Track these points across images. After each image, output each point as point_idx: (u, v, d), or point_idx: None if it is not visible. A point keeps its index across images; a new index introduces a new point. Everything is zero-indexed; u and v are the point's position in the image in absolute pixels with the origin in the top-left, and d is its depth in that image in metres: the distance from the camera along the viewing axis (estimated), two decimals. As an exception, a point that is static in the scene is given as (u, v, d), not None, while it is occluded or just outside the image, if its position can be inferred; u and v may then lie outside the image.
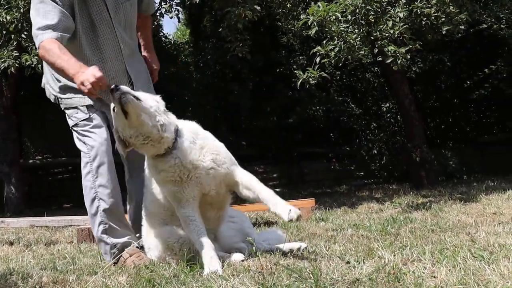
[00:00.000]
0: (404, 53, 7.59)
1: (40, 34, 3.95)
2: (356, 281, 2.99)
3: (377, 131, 16.78)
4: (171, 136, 3.70)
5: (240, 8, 8.75)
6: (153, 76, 4.90)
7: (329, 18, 7.62)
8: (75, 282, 3.35)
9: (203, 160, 3.77)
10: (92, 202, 4.27)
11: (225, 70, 16.36)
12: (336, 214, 7.26)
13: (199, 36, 17.13)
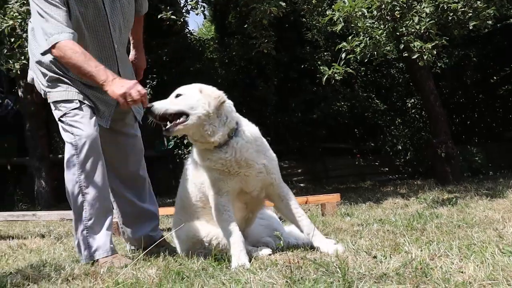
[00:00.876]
0: (430, 49, 7.53)
1: (56, 34, 3.81)
2: (383, 275, 2.97)
3: (402, 126, 16.70)
4: (222, 139, 3.67)
5: (266, 5, 8.73)
6: (138, 75, 4.71)
7: (355, 14, 7.60)
8: (106, 274, 3.38)
9: (257, 162, 3.78)
10: (77, 197, 3.99)
11: (250, 66, 16.37)
12: (361, 209, 7.24)
13: (224, 33, 17.15)
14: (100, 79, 3.76)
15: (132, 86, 3.72)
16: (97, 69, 3.77)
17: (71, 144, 3.98)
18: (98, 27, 4.11)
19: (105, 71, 3.79)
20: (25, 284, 3.19)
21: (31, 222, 7.76)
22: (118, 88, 3.71)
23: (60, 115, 4.05)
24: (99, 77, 3.76)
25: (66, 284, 3.18)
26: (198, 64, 16.51)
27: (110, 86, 3.74)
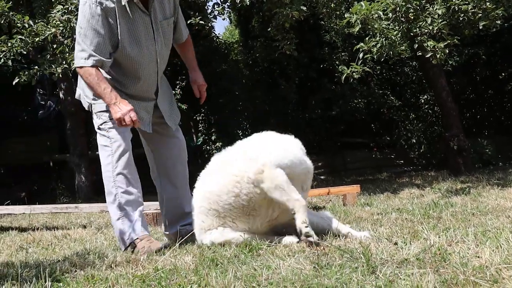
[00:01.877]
0: (443, 48, 7.48)
1: (83, 59, 4.04)
2: (404, 261, 2.97)
3: (416, 121, 16.62)
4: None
5: (288, 9, 8.72)
6: (202, 93, 4.78)
7: (372, 16, 7.56)
8: (146, 261, 3.42)
9: None
10: (111, 190, 4.22)
11: (273, 66, 16.35)
12: (380, 199, 7.22)
13: (248, 36, 17.14)
14: (106, 100, 4.07)
15: (126, 113, 4.02)
16: (105, 91, 4.05)
17: (107, 146, 4.21)
18: (144, 41, 4.22)
19: (111, 94, 4.05)
20: (72, 271, 3.24)
21: (73, 214, 7.84)
22: (115, 112, 4.04)
23: (100, 123, 4.25)
24: (105, 98, 4.07)
25: (110, 271, 3.21)
26: (224, 66, 16.53)
27: (112, 107, 4.06)
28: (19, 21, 8.32)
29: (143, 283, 2.79)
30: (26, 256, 4.07)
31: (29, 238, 5.26)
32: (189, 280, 2.78)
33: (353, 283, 2.52)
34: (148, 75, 4.30)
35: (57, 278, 3.00)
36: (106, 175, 4.25)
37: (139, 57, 4.21)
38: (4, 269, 3.35)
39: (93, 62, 4.03)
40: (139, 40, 4.20)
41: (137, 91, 4.32)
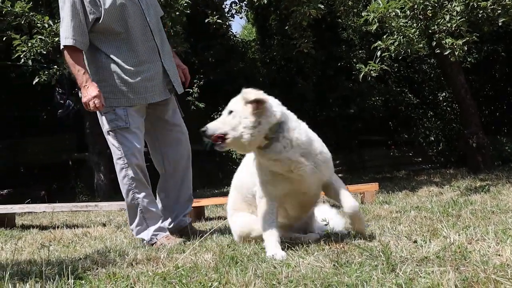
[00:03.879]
0: (461, 45, 7.42)
1: (63, 39, 4.32)
2: (424, 259, 2.97)
3: (434, 119, 16.52)
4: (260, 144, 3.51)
5: (305, 7, 8.71)
6: (186, 76, 4.95)
7: (389, 14, 7.53)
8: (166, 259, 3.45)
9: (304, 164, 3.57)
10: (127, 194, 4.47)
11: (290, 65, 16.36)
12: (398, 197, 7.19)
13: (265, 34, 17.17)
14: (78, 81, 4.33)
15: (91, 99, 4.25)
16: (78, 73, 4.32)
17: (118, 150, 4.44)
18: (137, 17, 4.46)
19: (83, 76, 4.29)
20: (94, 268, 3.28)
21: (93, 212, 7.92)
22: (83, 97, 4.30)
23: (109, 129, 4.46)
24: (78, 79, 4.33)
25: (131, 268, 3.25)
26: (241, 64, 16.57)
27: (82, 90, 4.32)
28: (39, 21, 8.40)
29: (164, 280, 2.82)
30: (48, 254, 4.11)
31: (50, 236, 5.32)
32: (209, 278, 2.80)
33: (373, 281, 2.52)
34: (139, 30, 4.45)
35: (80, 275, 3.04)
36: (121, 178, 4.47)
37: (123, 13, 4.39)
38: (27, 267, 3.40)
39: (72, 41, 4.29)
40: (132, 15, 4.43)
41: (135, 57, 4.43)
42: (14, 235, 5.68)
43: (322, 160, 3.65)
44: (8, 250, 4.62)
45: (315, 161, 3.59)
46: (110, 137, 4.47)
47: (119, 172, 4.47)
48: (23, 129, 14.82)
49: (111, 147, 4.51)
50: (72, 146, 15.12)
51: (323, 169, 3.68)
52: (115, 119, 4.41)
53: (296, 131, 3.53)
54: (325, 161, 3.69)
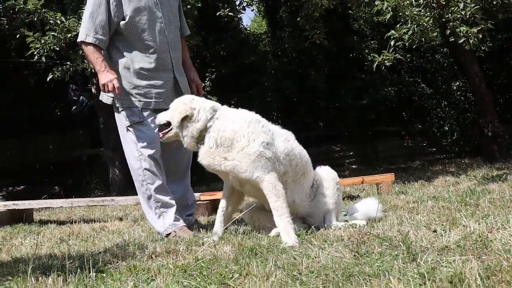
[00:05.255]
0: (476, 33, 7.36)
1: (85, 35, 4.53)
2: (445, 248, 2.96)
3: (448, 108, 16.42)
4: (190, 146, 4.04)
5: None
6: (199, 91, 5.10)
7: (403, 3, 7.48)
8: (186, 252, 3.46)
9: (219, 166, 3.92)
10: (142, 184, 4.63)
11: (302, 56, 16.29)
12: (414, 188, 7.16)
13: (276, 26, 17.09)
14: (97, 67, 4.51)
15: (110, 80, 4.42)
16: (97, 60, 4.51)
17: (135, 143, 4.60)
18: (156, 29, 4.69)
19: (102, 63, 4.49)
20: (114, 262, 3.29)
21: (109, 206, 7.95)
22: (102, 79, 4.46)
23: (127, 125, 4.64)
24: (96, 65, 4.51)
25: (151, 261, 3.26)
26: (253, 57, 16.54)
27: (99, 75, 4.48)
28: (52, 18, 8.43)
29: (184, 273, 2.83)
30: (67, 248, 4.14)
31: (68, 231, 5.35)
32: (230, 270, 2.80)
33: (395, 271, 2.52)
34: (156, 42, 4.65)
35: (100, 269, 3.06)
36: (135, 170, 4.64)
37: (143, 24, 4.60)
38: (48, 261, 3.42)
39: (93, 39, 4.51)
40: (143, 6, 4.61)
41: (150, 63, 4.63)
42: (33, 230, 5.72)
43: (243, 157, 3.81)
44: (27, 245, 4.66)
45: (234, 159, 3.83)
46: (126, 132, 4.65)
47: (134, 164, 4.62)
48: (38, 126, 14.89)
49: (126, 140, 4.67)
50: (86, 142, 15.19)
51: (240, 168, 3.84)
52: (131, 114, 4.61)
53: (221, 132, 3.86)
54: (246, 157, 3.81)
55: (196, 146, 3.97)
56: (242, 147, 3.79)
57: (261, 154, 3.79)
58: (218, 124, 3.89)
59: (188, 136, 3.94)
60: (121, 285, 2.69)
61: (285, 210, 3.76)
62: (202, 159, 3.93)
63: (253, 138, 3.80)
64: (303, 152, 4.19)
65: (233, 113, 3.98)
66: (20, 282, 2.80)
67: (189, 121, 3.92)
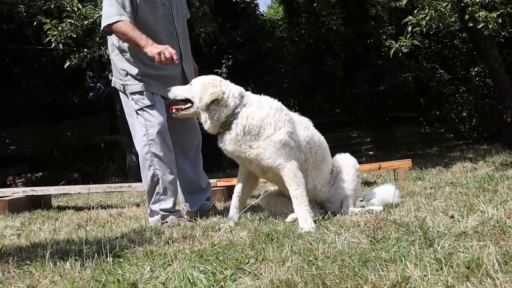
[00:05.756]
0: (495, 18, 7.26)
1: (118, 15, 4.44)
2: (462, 234, 2.94)
3: (466, 94, 16.27)
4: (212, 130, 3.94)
5: (334, -17, 8.61)
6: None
7: (421, -12, 7.40)
8: (202, 237, 3.47)
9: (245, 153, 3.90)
10: (149, 168, 4.57)
11: (318, 43, 16.21)
12: (432, 174, 7.12)
13: (293, 12, 17.01)
14: (142, 43, 4.39)
15: (166, 47, 4.36)
16: (140, 36, 4.41)
17: (142, 129, 4.56)
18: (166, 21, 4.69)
19: (147, 39, 4.41)
20: (131, 247, 3.31)
21: (126, 193, 8.00)
22: (155, 49, 4.35)
23: (137, 109, 4.58)
24: (141, 41, 4.40)
25: (168, 246, 3.28)
26: (269, 43, 16.47)
27: (149, 47, 4.38)
28: (68, 5, 8.45)
29: (201, 258, 2.84)
30: (85, 233, 4.17)
31: (86, 217, 5.39)
32: (246, 255, 2.81)
33: (412, 256, 2.50)
34: (166, 33, 4.65)
35: (118, 254, 3.08)
36: (143, 154, 4.59)
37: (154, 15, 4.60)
38: (66, 246, 3.45)
39: (126, 18, 4.45)
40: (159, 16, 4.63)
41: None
42: (51, 216, 5.77)
43: (267, 145, 3.80)
44: (46, 230, 4.70)
45: (258, 147, 3.82)
46: (136, 117, 4.61)
47: (142, 148, 4.58)
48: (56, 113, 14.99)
49: (137, 125, 4.62)
50: (104, 128, 15.26)
51: (263, 156, 3.83)
52: (142, 98, 4.57)
53: (249, 118, 3.81)
54: (270, 145, 3.80)
55: (218, 130, 3.91)
56: (268, 135, 3.79)
57: (286, 143, 3.80)
58: (246, 111, 3.84)
59: (213, 119, 3.84)
60: (138, 269, 2.71)
61: (305, 198, 3.76)
62: (227, 145, 3.87)
63: (279, 127, 3.80)
64: (322, 139, 4.19)
65: (259, 100, 3.94)
66: (38, 267, 2.83)
67: (216, 105, 3.84)
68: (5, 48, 13.95)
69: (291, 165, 3.80)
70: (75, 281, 2.54)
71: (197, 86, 3.92)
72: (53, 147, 15.02)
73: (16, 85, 14.87)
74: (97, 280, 2.54)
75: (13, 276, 2.77)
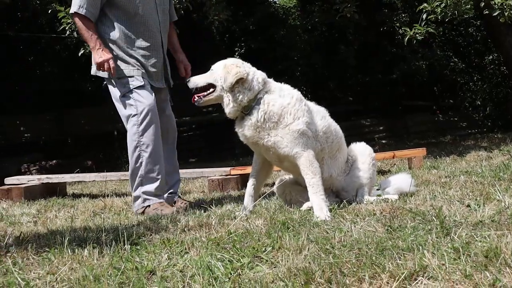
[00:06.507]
0: (511, 5, 7.19)
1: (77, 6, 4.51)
2: (479, 223, 2.93)
3: (480, 82, 16.16)
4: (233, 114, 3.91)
5: (348, -30, 8.55)
6: (187, 73, 5.01)
7: (435, -25, 7.34)
8: (218, 225, 3.49)
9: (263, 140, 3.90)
10: (135, 149, 4.59)
11: (331, 30, 16.15)
12: (446, 162, 7.08)
13: (306, 0, 16.93)
14: (91, 44, 4.54)
15: (106, 60, 4.46)
16: (92, 37, 4.53)
17: (133, 111, 4.56)
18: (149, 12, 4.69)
19: (96, 40, 4.52)
20: (147, 235, 3.33)
21: (140, 181, 8.01)
22: (97, 57, 4.50)
23: (126, 91, 4.59)
24: (91, 42, 4.54)
25: (184, 234, 3.29)
26: (282, 31, 16.43)
27: (94, 53, 4.53)
28: (83, -7, 8.44)
29: (217, 246, 2.85)
30: (101, 221, 4.20)
31: (101, 205, 5.42)
32: (262, 243, 2.82)
33: (429, 245, 2.50)
34: (149, 15, 4.66)
35: (134, 241, 3.10)
36: (131, 134, 4.61)
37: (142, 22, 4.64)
38: (83, 233, 3.48)
39: (85, 12, 4.51)
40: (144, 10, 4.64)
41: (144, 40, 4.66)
42: (66, 204, 5.80)
43: (285, 133, 3.80)
44: (62, 217, 4.73)
45: (276, 135, 3.81)
46: (126, 99, 4.61)
47: (131, 128, 4.59)
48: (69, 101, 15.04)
49: (126, 107, 4.61)
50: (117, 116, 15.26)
51: (280, 144, 3.82)
52: (132, 80, 4.60)
53: (270, 106, 3.80)
54: (288, 133, 3.80)
55: (237, 114, 3.90)
56: (286, 124, 3.79)
57: (303, 132, 3.80)
58: (268, 97, 3.83)
59: (236, 101, 3.81)
60: (156, 257, 2.73)
61: (321, 187, 3.77)
62: (246, 130, 3.85)
63: (298, 116, 3.80)
64: (338, 128, 4.20)
65: (281, 88, 3.93)
66: (57, 254, 2.86)
67: (241, 86, 3.82)
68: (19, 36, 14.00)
69: (308, 154, 3.80)
70: (94, 268, 2.56)
71: (219, 69, 3.90)
72: (67, 135, 15.09)
73: (30, 73, 14.92)
74: (116, 268, 2.56)
75: (32, 263, 2.80)
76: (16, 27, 14.20)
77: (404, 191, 4.28)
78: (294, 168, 3.97)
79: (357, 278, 2.22)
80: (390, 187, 4.34)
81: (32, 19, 14.11)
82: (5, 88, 13.71)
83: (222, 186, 6.20)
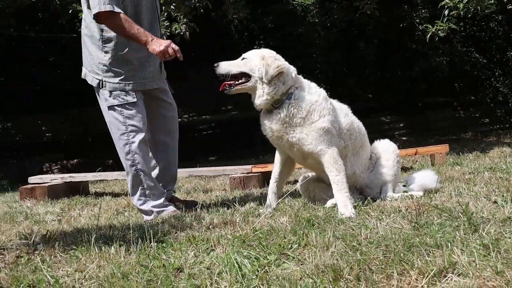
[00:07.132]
0: (535, -1, 7.10)
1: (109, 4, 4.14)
2: (507, 219, 2.91)
3: (502, 78, 15.99)
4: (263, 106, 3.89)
5: (368, -33, 8.50)
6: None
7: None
8: (243, 223, 3.49)
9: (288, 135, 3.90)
10: (131, 168, 4.47)
11: (351, 27, 16.07)
12: (469, 159, 7.02)
13: (326, -2, 16.88)
14: (142, 40, 4.22)
15: (169, 45, 4.22)
16: (139, 31, 4.23)
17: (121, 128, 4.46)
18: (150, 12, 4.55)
19: (145, 33, 4.25)
20: (173, 232, 3.35)
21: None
22: (157, 47, 4.19)
23: (117, 104, 4.46)
24: (141, 38, 4.22)
25: (209, 232, 3.30)
26: (301, 29, 16.37)
27: (151, 45, 4.21)
28: (103, -7, 8.48)
29: (243, 243, 2.85)
30: (126, 219, 4.22)
31: (124, 203, 5.45)
32: (288, 240, 2.82)
33: (457, 242, 2.48)
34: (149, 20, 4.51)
35: (160, 239, 3.11)
36: (123, 154, 4.49)
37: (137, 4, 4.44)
38: (109, 231, 3.50)
39: (110, 7, 4.16)
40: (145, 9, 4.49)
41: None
42: (90, 202, 5.86)
43: (311, 130, 3.80)
44: (86, 216, 4.78)
45: (302, 132, 3.81)
46: (115, 113, 4.48)
47: (123, 148, 4.48)
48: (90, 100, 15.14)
49: (114, 121, 4.51)
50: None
51: (305, 141, 3.82)
52: (124, 94, 4.45)
53: (299, 100, 3.82)
54: (314, 130, 3.80)
55: (267, 107, 3.87)
56: (312, 121, 3.80)
57: (328, 130, 3.82)
58: (299, 93, 3.83)
59: (270, 94, 3.78)
60: (182, 254, 2.74)
61: (345, 184, 3.77)
62: (273, 124, 3.83)
63: (324, 114, 3.81)
64: (360, 125, 4.20)
65: (310, 85, 3.94)
66: (84, 252, 2.88)
67: (278, 79, 3.79)
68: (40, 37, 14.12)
69: (332, 152, 3.79)
70: (121, 266, 2.58)
71: (255, 59, 3.84)
72: (87, 134, 15.20)
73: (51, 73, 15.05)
74: (143, 265, 2.58)
75: (60, 261, 2.83)
76: (36, 28, 14.32)
77: (428, 187, 4.26)
78: (317, 166, 3.96)
79: (386, 275, 2.21)
80: (414, 184, 4.32)
81: (52, 20, 14.23)
82: (26, 88, 13.85)
83: (244, 184, 6.20)
